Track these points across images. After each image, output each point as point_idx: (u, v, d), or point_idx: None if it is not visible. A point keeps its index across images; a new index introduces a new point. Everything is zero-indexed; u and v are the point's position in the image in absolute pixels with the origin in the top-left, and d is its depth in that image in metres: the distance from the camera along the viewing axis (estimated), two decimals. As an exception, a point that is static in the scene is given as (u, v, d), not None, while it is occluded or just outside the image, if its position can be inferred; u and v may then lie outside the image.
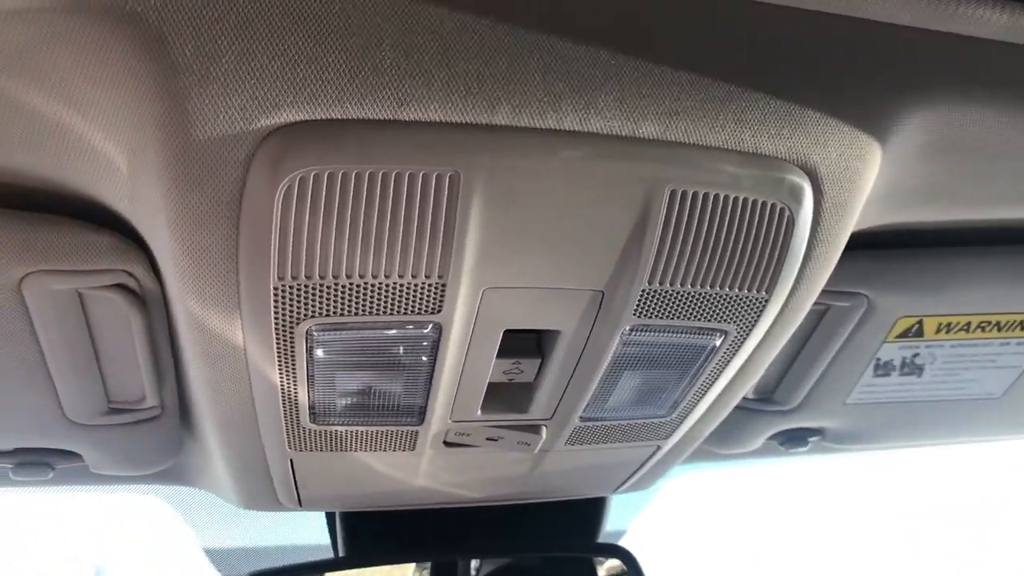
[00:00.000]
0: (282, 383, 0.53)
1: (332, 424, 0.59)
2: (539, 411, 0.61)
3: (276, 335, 0.48)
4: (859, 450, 0.93)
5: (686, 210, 0.45)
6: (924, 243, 0.66)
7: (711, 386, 0.61)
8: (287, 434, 0.59)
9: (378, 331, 0.49)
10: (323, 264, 0.44)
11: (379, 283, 0.45)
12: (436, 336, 0.50)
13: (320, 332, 0.49)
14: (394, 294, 0.46)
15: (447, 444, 0.63)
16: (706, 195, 0.45)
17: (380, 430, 0.60)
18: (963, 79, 0.45)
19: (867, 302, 0.67)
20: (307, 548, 1.14)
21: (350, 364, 0.52)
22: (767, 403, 0.80)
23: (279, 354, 0.50)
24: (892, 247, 0.65)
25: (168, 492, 1.12)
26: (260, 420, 0.59)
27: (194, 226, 0.43)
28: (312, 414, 0.57)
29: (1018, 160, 0.52)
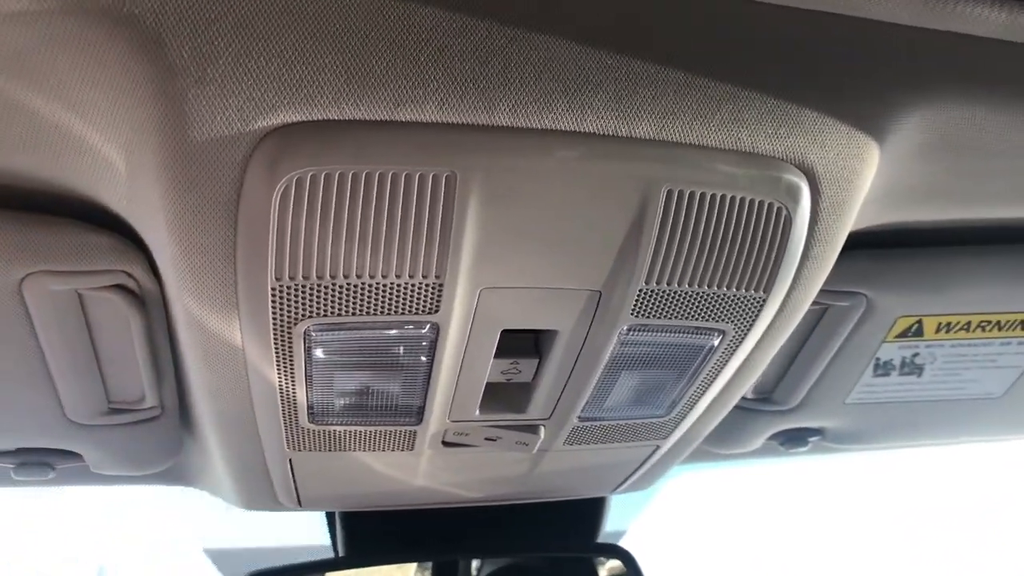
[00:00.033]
0: (280, 383, 0.53)
1: (330, 424, 0.59)
2: (537, 411, 0.61)
3: (274, 335, 0.48)
4: (859, 450, 0.93)
5: (683, 210, 0.45)
6: (923, 242, 0.66)
7: (709, 386, 0.61)
8: (286, 434, 0.59)
9: (376, 331, 0.49)
10: (320, 264, 0.44)
11: (376, 283, 0.46)
12: (434, 336, 0.50)
13: (318, 332, 0.49)
14: (391, 294, 0.46)
15: (446, 444, 0.63)
16: (703, 195, 0.45)
17: (378, 430, 0.60)
18: (962, 78, 0.45)
19: (866, 302, 0.67)
20: (307, 548, 1.14)
21: (348, 364, 0.52)
22: (766, 403, 0.80)
23: (277, 354, 0.50)
24: (891, 246, 0.65)
25: (169, 492, 1.12)
26: (259, 420, 0.59)
27: (192, 227, 0.43)
28: (310, 414, 0.57)
29: (1017, 158, 0.52)
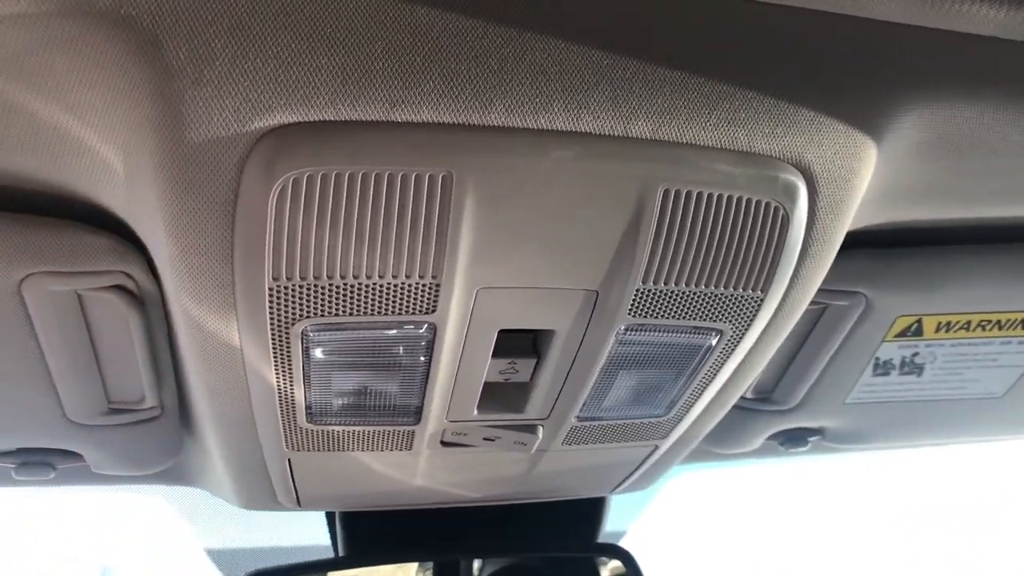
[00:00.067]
0: (278, 383, 0.53)
1: (329, 424, 0.59)
2: (535, 411, 0.61)
3: (272, 335, 0.48)
4: (859, 450, 0.93)
5: (680, 209, 0.45)
6: (922, 241, 0.66)
7: (708, 385, 0.61)
8: (284, 434, 0.59)
9: (373, 331, 0.50)
10: (317, 265, 0.44)
11: (373, 283, 0.46)
12: (431, 336, 0.50)
13: (315, 332, 0.49)
14: (388, 294, 0.46)
15: (444, 444, 0.63)
16: (700, 194, 0.45)
17: (377, 430, 0.60)
18: (959, 76, 0.45)
19: (865, 301, 0.67)
20: (307, 548, 1.14)
21: (346, 364, 0.53)
22: (766, 403, 0.80)
23: (275, 354, 0.50)
24: (889, 246, 0.65)
25: (169, 492, 1.12)
26: (257, 420, 0.59)
27: (189, 227, 0.43)
28: (309, 414, 0.57)
29: (1016, 157, 0.52)
